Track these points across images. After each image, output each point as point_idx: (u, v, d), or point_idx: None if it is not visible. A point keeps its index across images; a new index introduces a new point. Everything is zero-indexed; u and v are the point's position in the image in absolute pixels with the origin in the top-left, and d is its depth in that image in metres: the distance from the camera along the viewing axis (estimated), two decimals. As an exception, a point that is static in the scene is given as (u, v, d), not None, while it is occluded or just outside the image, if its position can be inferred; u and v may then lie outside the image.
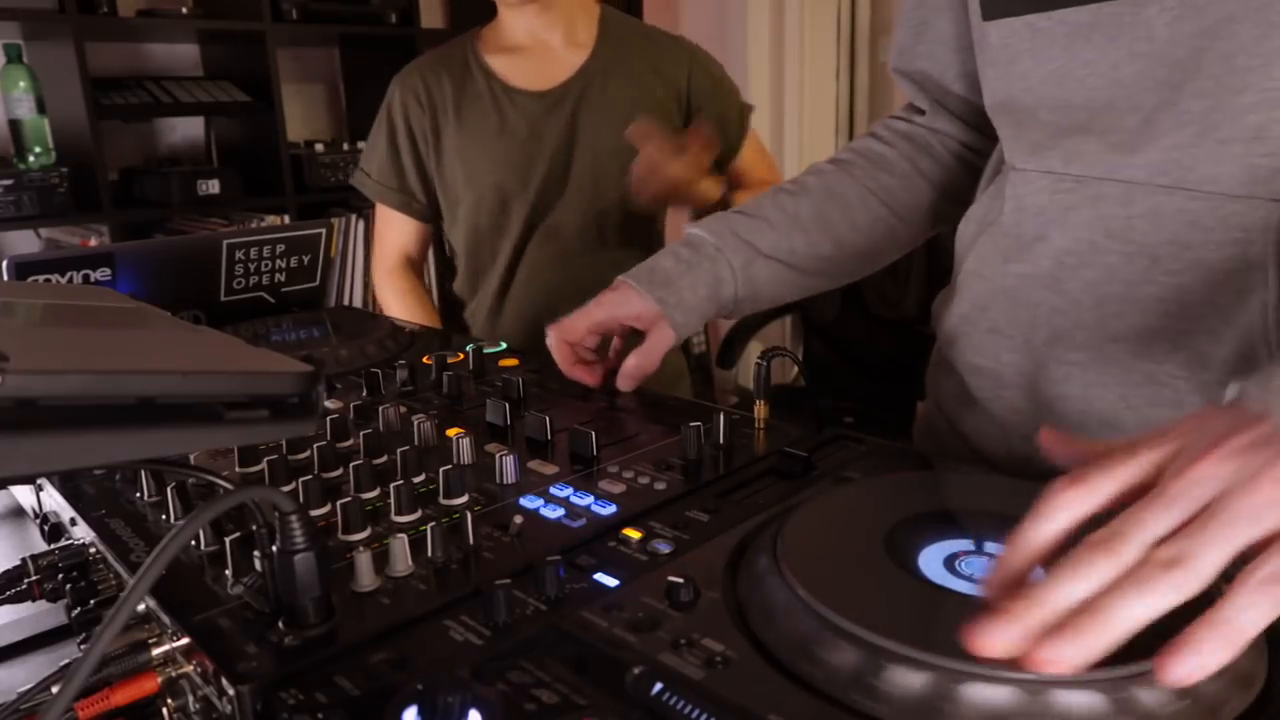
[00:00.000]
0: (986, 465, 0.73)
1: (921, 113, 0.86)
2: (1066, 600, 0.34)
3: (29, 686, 0.45)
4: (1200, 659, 0.32)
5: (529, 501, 0.58)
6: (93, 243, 2.05)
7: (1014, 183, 0.69)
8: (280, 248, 1.11)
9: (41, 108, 2.05)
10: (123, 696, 0.45)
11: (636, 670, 0.39)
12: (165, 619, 0.46)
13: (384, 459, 0.65)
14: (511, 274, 1.41)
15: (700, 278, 0.79)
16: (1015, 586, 0.36)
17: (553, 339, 0.81)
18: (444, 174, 1.41)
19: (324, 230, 1.16)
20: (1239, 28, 0.53)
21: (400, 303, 1.47)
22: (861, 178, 0.85)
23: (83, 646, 0.55)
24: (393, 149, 1.42)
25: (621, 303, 0.80)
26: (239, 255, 1.08)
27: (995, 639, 0.34)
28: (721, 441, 0.66)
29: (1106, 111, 0.60)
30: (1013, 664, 0.35)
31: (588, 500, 0.58)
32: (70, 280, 0.94)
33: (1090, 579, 0.34)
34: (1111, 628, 0.33)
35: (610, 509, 0.57)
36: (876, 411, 2.29)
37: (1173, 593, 0.33)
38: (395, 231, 1.48)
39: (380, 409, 0.72)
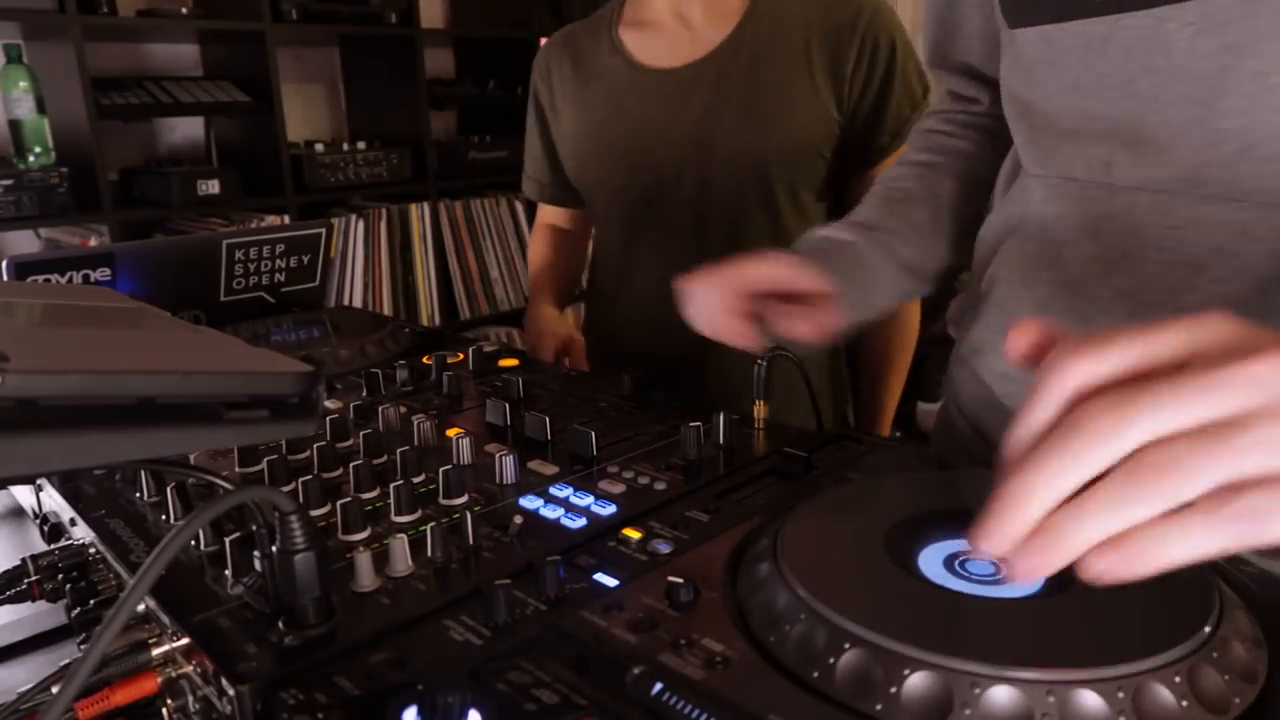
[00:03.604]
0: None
1: (975, 101, 0.83)
2: (1102, 532, 0.31)
3: (29, 686, 0.45)
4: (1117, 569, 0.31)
5: (529, 501, 0.58)
6: (93, 243, 2.05)
7: (1033, 189, 0.68)
8: (280, 248, 1.11)
9: (41, 108, 2.05)
10: (123, 696, 0.45)
11: (636, 670, 0.39)
12: (165, 619, 0.46)
13: (384, 459, 0.65)
14: (622, 269, 1.24)
15: (865, 280, 0.75)
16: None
17: (717, 280, 0.70)
18: (564, 156, 1.27)
19: (324, 230, 1.16)
20: (1269, 46, 0.52)
21: (535, 252, 1.38)
22: (957, 174, 0.81)
23: (83, 646, 0.55)
24: (530, 132, 1.33)
25: (808, 271, 0.70)
26: (239, 255, 1.08)
27: (993, 536, 0.32)
28: (721, 441, 0.66)
29: (1131, 124, 0.59)
30: (1014, 664, 0.35)
31: (588, 500, 0.58)
32: (70, 280, 0.94)
33: (1138, 510, 0.31)
34: (1162, 554, 0.30)
35: (610, 509, 0.57)
36: (876, 411, 2.29)
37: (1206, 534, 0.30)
38: (542, 213, 1.40)
39: (380, 409, 0.72)
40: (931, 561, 0.44)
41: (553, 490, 0.60)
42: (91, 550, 0.57)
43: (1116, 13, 0.58)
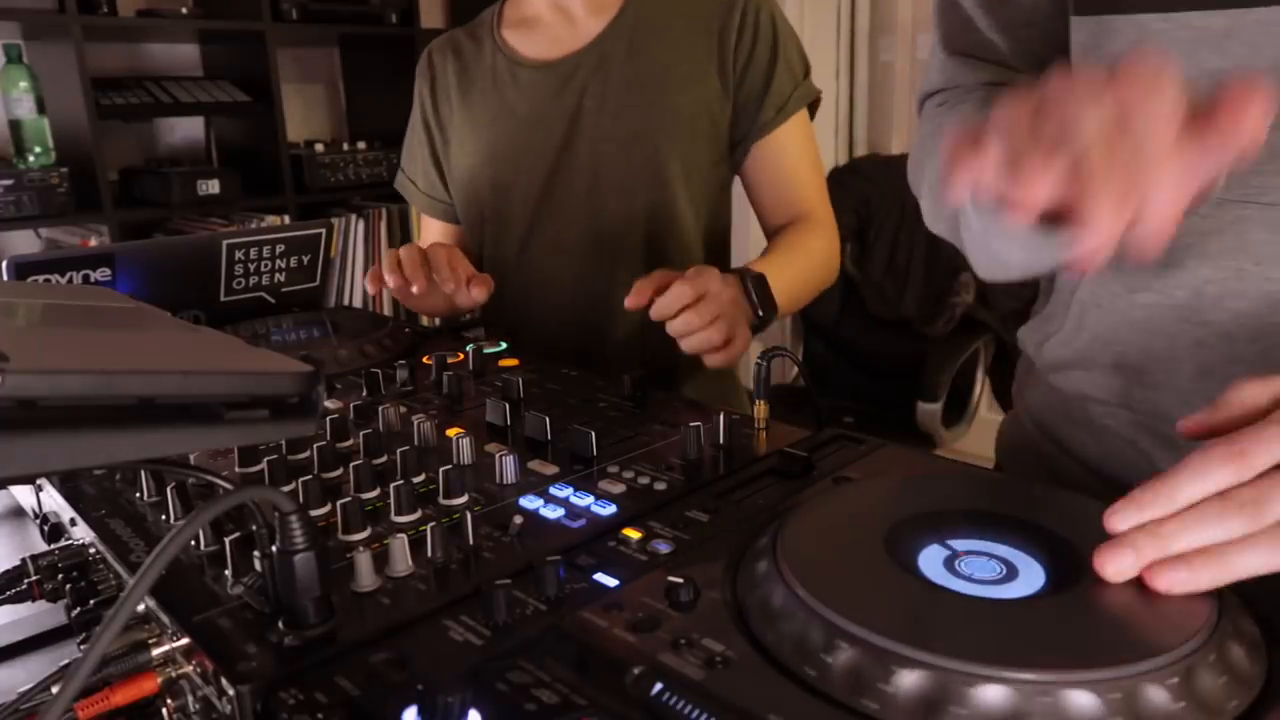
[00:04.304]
0: (1095, 478, 0.69)
1: (984, 86, 0.72)
2: (1191, 544, 0.39)
3: (29, 686, 0.45)
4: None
5: (529, 501, 0.58)
6: (93, 243, 2.05)
7: None
8: (280, 248, 1.11)
9: (41, 108, 2.05)
10: (123, 696, 0.45)
11: (636, 670, 0.39)
12: (165, 619, 0.46)
13: (384, 459, 0.65)
14: (518, 274, 1.21)
15: None
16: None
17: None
18: (450, 164, 1.24)
19: (324, 230, 1.16)
20: None
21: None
22: None
23: (83, 646, 0.55)
24: (415, 141, 1.29)
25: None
26: (239, 255, 1.08)
27: (1117, 562, 0.39)
28: (721, 441, 0.66)
29: None
30: (1012, 664, 0.35)
31: (588, 500, 0.58)
32: (70, 280, 0.94)
33: (1221, 531, 0.39)
34: (1228, 570, 0.38)
35: (610, 509, 0.57)
36: (876, 411, 2.29)
37: None
38: (427, 235, 1.33)
39: (380, 409, 0.72)
40: (932, 561, 0.44)
41: (553, 490, 0.60)
42: (91, 550, 0.57)
43: (1245, 6, 0.53)
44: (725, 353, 0.88)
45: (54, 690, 0.44)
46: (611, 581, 0.48)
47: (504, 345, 0.97)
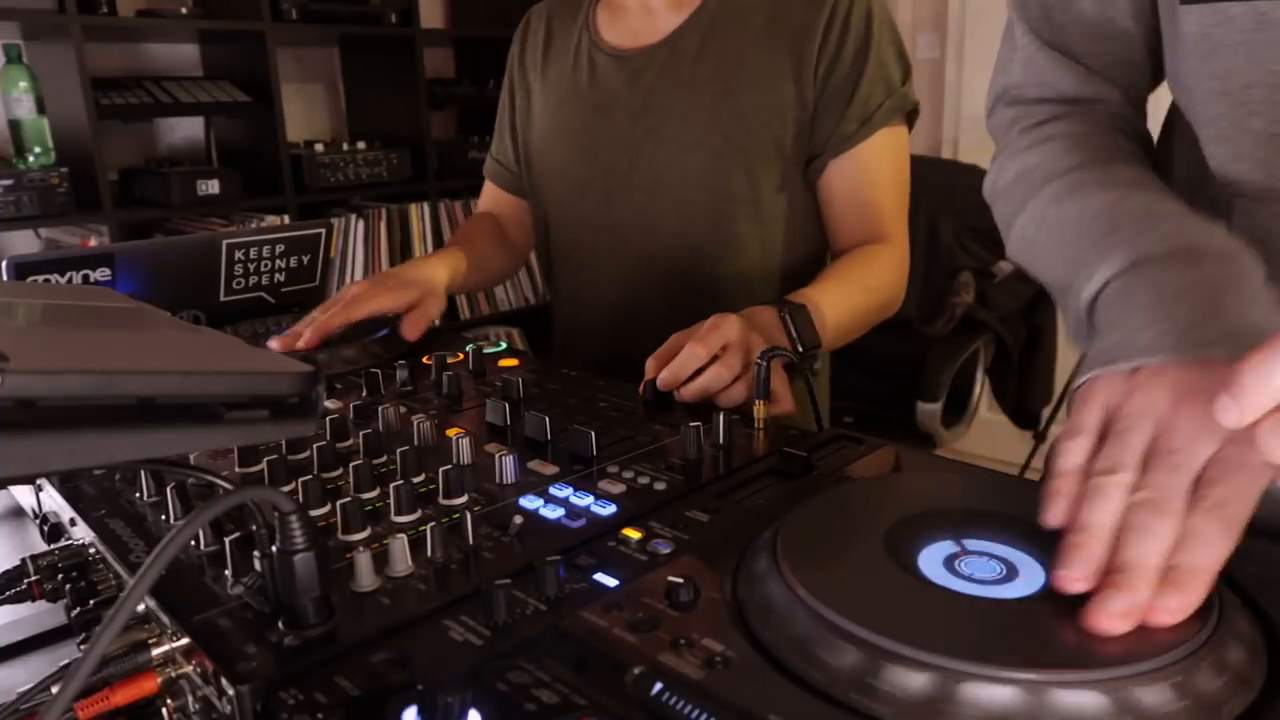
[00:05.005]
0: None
1: (1096, 101, 0.68)
2: (1150, 552, 0.39)
3: (29, 686, 0.45)
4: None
5: (529, 501, 0.58)
6: (92, 243, 2.05)
7: (1246, 212, 0.58)
8: (280, 248, 1.11)
9: (41, 108, 2.05)
10: (122, 696, 0.45)
11: (636, 670, 0.39)
12: (165, 619, 0.46)
13: (384, 459, 0.65)
14: (569, 272, 1.17)
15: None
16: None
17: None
18: (525, 136, 1.19)
19: (324, 230, 1.16)
20: None
21: (466, 225, 1.27)
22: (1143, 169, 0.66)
23: (83, 646, 0.55)
24: (502, 104, 1.24)
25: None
26: (239, 255, 1.08)
27: (1110, 606, 0.38)
28: (721, 441, 0.66)
29: None
30: (1013, 663, 0.35)
31: (588, 500, 0.58)
32: (70, 280, 0.94)
33: (1168, 523, 0.40)
34: (1207, 570, 0.39)
35: (610, 509, 0.57)
36: (876, 411, 2.29)
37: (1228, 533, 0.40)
38: (483, 199, 1.31)
39: (380, 409, 0.72)
40: (932, 561, 0.44)
41: (553, 490, 0.60)
42: (91, 550, 0.57)
43: None
44: (776, 404, 0.76)
45: (54, 690, 0.44)
46: (611, 581, 0.48)
47: (503, 345, 0.97)
